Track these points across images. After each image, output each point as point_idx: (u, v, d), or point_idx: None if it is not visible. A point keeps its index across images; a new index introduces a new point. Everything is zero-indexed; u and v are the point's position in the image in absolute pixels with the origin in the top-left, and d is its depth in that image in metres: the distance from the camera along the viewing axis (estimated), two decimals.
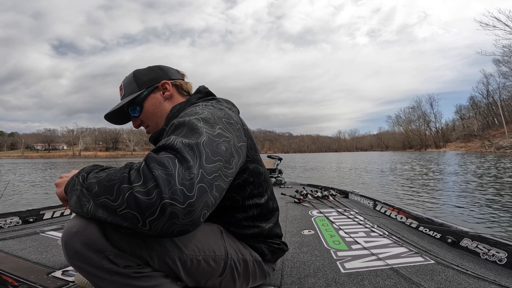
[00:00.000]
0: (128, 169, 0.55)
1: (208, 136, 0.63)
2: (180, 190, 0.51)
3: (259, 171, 0.90)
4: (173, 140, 0.58)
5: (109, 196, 0.54)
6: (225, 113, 0.77)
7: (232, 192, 0.84)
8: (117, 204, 0.52)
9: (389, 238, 1.71)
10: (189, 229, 0.54)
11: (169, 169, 0.52)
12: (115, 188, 0.53)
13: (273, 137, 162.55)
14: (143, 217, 0.51)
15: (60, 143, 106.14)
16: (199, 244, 0.76)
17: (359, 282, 1.14)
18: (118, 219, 0.53)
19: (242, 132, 0.80)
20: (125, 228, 0.53)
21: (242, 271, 0.87)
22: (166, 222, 0.51)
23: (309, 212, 2.51)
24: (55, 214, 2.37)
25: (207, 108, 0.78)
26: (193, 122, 0.65)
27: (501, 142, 39.47)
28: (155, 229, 0.52)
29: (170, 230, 0.52)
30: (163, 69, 1.00)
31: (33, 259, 1.37)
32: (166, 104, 0.96)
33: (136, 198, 0.51)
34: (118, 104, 0.98)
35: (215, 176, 0.58)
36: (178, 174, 0.52)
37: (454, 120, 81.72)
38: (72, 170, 0.74)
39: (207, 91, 0.98)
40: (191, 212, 0.52)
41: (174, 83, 0.98)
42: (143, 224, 0.51)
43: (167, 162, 0.53)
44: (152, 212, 0.50)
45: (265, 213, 0.93)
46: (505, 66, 45.47)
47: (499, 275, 1.19)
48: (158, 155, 0.55)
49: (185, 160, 0.55)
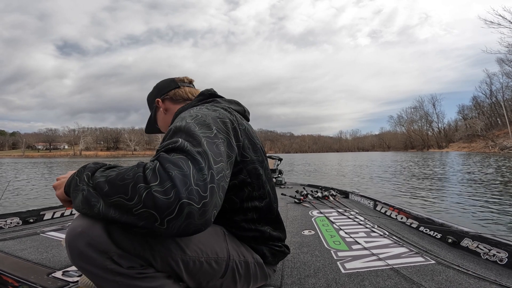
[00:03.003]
0: (142, 169, 0.55)
1: (206, 139, 0.64)
2: (196, 191, 0.53)
3: (258, 173, 0.89)
4: (182, 143, 0.60)
5: (123, 195, 0.53)
6: (219, 113, 0.80)
7: (229, 193, 0.84)
8: (133, 203, 0.52)
9: (389, 238, 1.70)
10: (202, 228, 0.55)
11: (184, 170, 0.54)
12: (130, 187, 0.53)
13: (274, 137, 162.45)
14: (161, 216, 0.51)
15: (61, 143, 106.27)
16: (202, 245, 0.76)
17: (359, 282, 1.14)
18: (134, 218, 0.53)
19: (238, 132, 0.81)
20: (141, 227, 0.53)
21: (244, 273, 0.87)
22: (184, 222, 0.52)
23: (309, 212, 2.51)
24: (55, 215, 2.37)
25: (201, 110, 0.79)
26: (189, 127, 0.67)
27: (505, 142, 39.23)
28: (173, 228, 0.52)
29: (186, 229, 0.53)
30: (159, 87, 1.14)
31: (34, 260, 1.38)
32: (167, 117, 1.11)
33: (154, 198, 0.51)
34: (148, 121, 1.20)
35: (220, 176, 0.60)
36: (193, 175, 0.54)
37: (456, 120, 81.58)
38: (69, 171, 0.74)
39: (210, 93, 1.00)
40: (205, 212, 0.54)
41: (164, 97, 1.11)
42: (161, 223, 0.52)
43: (181, 163, 0.55)
44: (171, 212, 0.51)
45: (265, 216, 0.93)
46: (508, 66, 45.35)
47: (500, 275, 1.18)
48: (170, 156, 0.56)
49: (197, 162, 0.57)
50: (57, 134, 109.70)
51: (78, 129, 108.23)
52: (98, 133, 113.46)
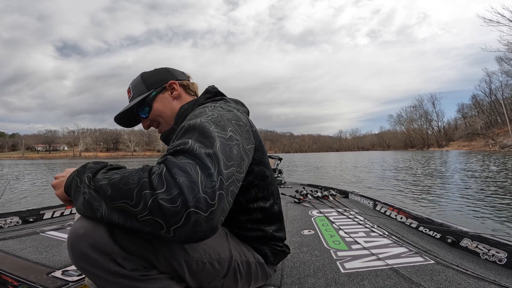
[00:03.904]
0: (147, 173, 0.53)
1: (221, 140, 0.62)
2: (203, 199, 0.51)
3: (264, 174, 0.89)
4: (191, 145, 0.57)
5: (128, 201, 0.52)
6: (234, 115, 0.76)
7: (237, 194, 0.84)
8: (138, 210, 0.51)
9: (389, 238, 1.70)
10: (208, 235, 0.54)
11: (192, 176, 0.52)
12: (135, 193, 0.51)
13: (274, 137, 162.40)
14: (167, 224, 0.50)
15: (60, 144, 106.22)
16: (205, 246, 0.76)
17: (359, 282, 1.14)
18: (139, 225, 0.52)
19: (250, 134, 0.79)
20: (146, 233, 0.52)
21: (245, 273, 0.87)
22: (190, 230, 0.51)
23: (309, 212, 2.51)
24: (55, 214, 2.37)
25: (216, 109, 0.76)
26: (204, 126, 0.64)
27: (505, 140, 39.10)
28: (179, 236, 0.51)
29: (193, 237, 0.52)
30: (170, 70, 1.03)
31: (33, 259, 1.38)
32: (175, 103, 0.98)
33: (161, 206, 0.49)
34: (128, 106, 1.00)
35: (230, 181, 0.58)
36: (201, 181, 0.52)
37: (456, 119, 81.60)
38: (66, 169, 0.72)
39: (216, 91, 0.97)
40: (212, 219, 0.52)
41: (181, 83, 1.01)
42: (167, 231, 0.50)
43: (189, 169, 0.52)
44: (177, 220, 0.50)
45: (269, 216, 0.93)
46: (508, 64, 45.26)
47: (499, 275, 1.18)
48: (178, 160, 0.54)
49: (206, 167, 0.54)
50: (56, 135, 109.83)
51: (77, 130, 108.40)
52: (97, 134, 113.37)
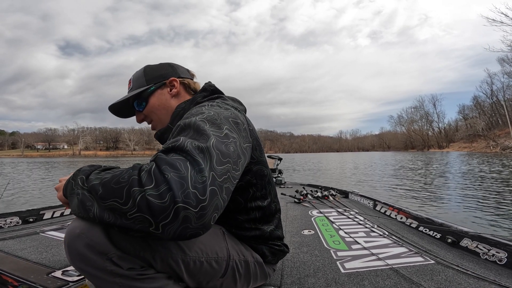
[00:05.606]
0: (137, 171, 0.53)
1: (216, 137, 0.61)
2: (193, 194, 0.50)
3: (263, 173, 0.89)
4: (182, 142, 0.57)
5: (117, 199, 0.52)
6: (231, 113, 0.76)
7: (235, 194, 0.83)
8: (127, 207, 0.51)
9: (389, 238, 1.70)
10: (200, 232, 0.53)
11: (181, 172, 0.51)
12: (125, 191, 0.52)
13: (274, 137, 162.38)
14: (156, 220, 0.49)
15: (60, 143, 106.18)
16: (202, 246, 0.76)
17: (359, 282, 1.14)
18: (128, 222, 0.52)
19: (248, 133, 0.79)
20: (136, 231, 0.52)
21: (244, 272, 0.87)
22: (180, 226, 0.50)
23: (309, 212, 2.51)
24: (55, 214, 2.37)
25: (213, 108, 0.76)
26: (199, 124, 0.64)
27: (506, 142, 38.90)
28: (168, 233, 0.51)
29: (183, 233, 0.51)
30: (173, 66, 1.01)
31: (33, 259, 1.38)
32: (172, 101, 0.96)
33: (149, 202, 0.49)
34: (125, 96, 0.97)
35: (224, 178, 0.57)
36: (191, 177, 0.51)
37: (457, 120, 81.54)
38: (71, 172, 0.73)
39: (213, 88, 0.96)
40: (203, 215, 0.51)
41: (182, 81, 0.98)
42: (156, 228, 0.50)
43: (179, 165, 0.52)
44: (166, 216, 0.49)
45: (267, 215, 0.93)
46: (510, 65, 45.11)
47: (499, 275, 1.18)
48: (168, 157, 0.54)
49: (197, 163, 0.54)
50: (56, 133, 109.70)
51: (77, 128, 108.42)
52: (97, 133, 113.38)
